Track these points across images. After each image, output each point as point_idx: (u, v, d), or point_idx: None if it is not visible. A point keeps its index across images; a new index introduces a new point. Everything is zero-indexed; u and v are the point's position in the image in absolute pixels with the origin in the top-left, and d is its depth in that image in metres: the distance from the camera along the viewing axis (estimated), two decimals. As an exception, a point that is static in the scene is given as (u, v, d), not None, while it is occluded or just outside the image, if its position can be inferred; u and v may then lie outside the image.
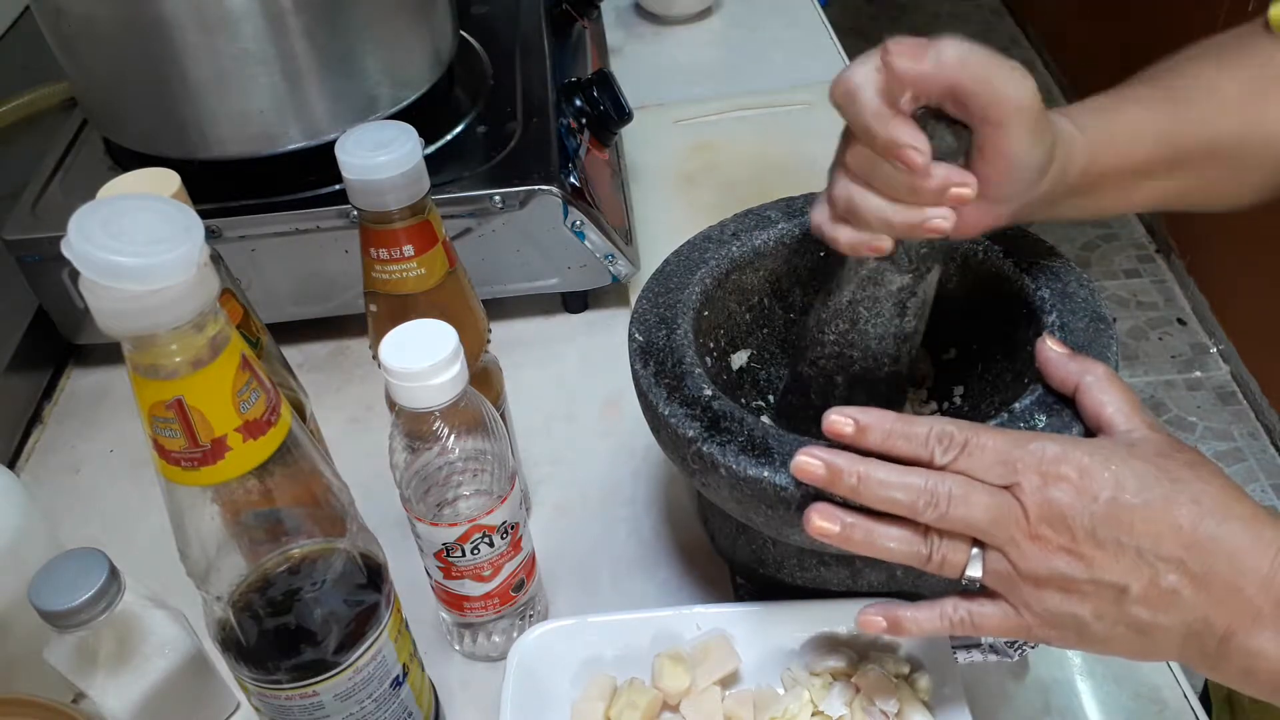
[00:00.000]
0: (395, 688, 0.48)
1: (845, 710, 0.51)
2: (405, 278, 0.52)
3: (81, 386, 0.80)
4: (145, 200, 0.35)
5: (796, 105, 1.02)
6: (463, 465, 0.51)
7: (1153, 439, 0.42)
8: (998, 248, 0.56)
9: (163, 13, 0.65)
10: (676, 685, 0.51)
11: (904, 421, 0.43)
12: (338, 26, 0.69)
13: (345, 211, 0.72)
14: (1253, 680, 0.40)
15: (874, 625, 0.46)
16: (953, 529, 0.42)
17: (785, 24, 1.17)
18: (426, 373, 0.46)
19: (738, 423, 0.48)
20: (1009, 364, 0.56)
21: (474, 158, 0.76)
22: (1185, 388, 2.03)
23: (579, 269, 0.77)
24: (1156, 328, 2.15)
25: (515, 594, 0.56)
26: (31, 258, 0.73)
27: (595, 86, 0.82)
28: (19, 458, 0.75)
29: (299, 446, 0.40)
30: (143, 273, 0.32)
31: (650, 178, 0.95)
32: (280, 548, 0.42)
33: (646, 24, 1.19)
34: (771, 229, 0.60)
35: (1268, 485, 1.86)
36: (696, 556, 0.64)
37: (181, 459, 0.37)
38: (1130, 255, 2.31)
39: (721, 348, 0.61)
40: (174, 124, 0.70)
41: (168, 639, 0.52)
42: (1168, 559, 0.39)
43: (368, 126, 0.51)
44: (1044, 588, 0.41)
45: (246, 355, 0.37)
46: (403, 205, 0.50)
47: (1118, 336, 0.51)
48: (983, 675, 0.56)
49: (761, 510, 0.47)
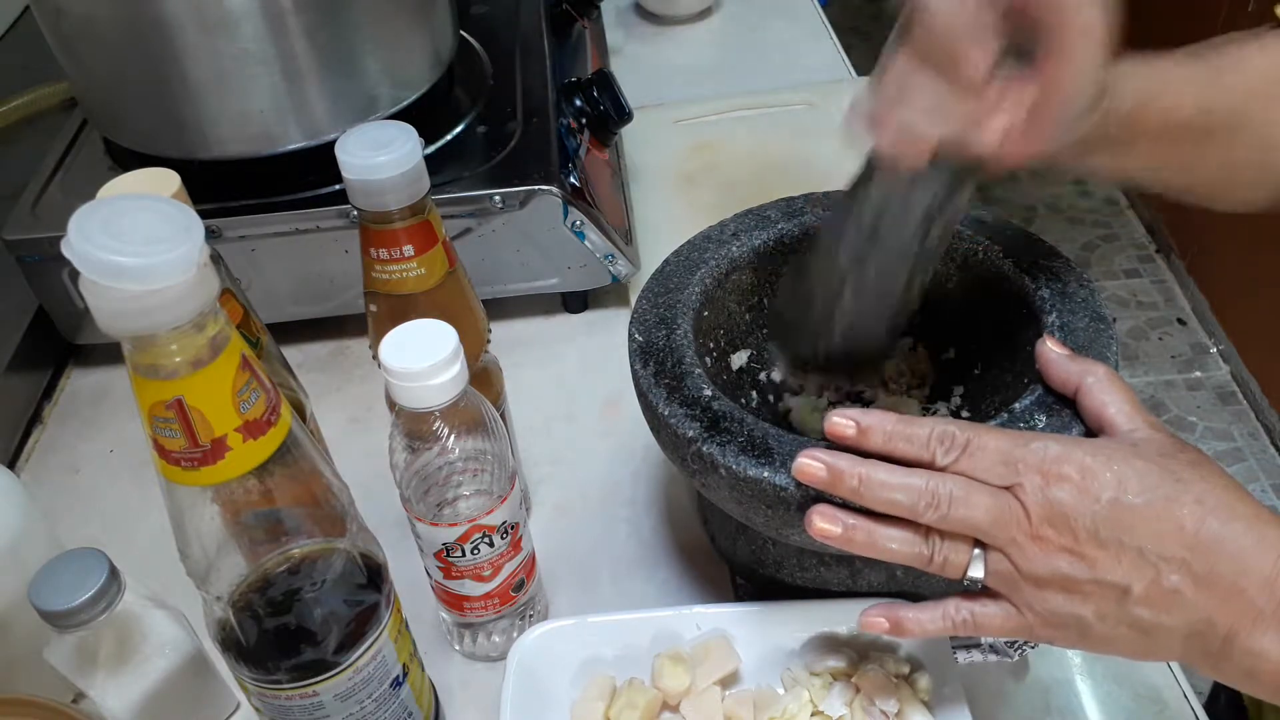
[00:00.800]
0: (395, 688, 0.48)
1: (845, 710, 0.51)
2: (405, 278, 0.52)
3: (81, 386, 0.80)
4: (145, 200, 0.34)
5: (796, 105, 1.02)
6: (463, 465, 0.51)
7: (1155, 439, 0.42)
8: (997, 247, 0.56)
9: (163, 13, 0.65)
10: (676, 685, 0.51)
11: (905, 423, 0.43)
12: (338, 27, 0.69)
13: (345, 211, 0.72)
14: (1255, 681, 0.40)
15: (876, 626, 0.46)
16: (954, 530, 0.42)
17: (785, 24, 1.17)
18: (426, 373, 0.46)
19: (738, 423, 0.48)
20: (1009, 364, 0.56)
21: (474, 158, 0.76)
22: (1185, 388, 2.03)
23: (579, 269, 0.77)
24: (1156, 328, 2.15)
25: (515, 594, 0.56)
26: (31, 258, 0.73)
27: (595, 86, 0.82)
28: (19, 458, 0.74)
29: (299, 446, 0.40)
30: (143, 273, 0.32)
31: (650, 178, 0.95)
32: (280, 548, 0.42)
33: (646, 24, 1.19)
34: (771, 229, 0.60)
35: (1268, 485, 1.86)
36: (696, 556, 0.64)
37: (181, 459, 0.37)
38: (1130, 255, 2.31)
39: (721, 348, 0.61)
40: (174, 124, 0.70)
41: (168, 639, 0.52)
42: (1170, 559, 0.39)
43: (368, 126, 0.51)
44: (1046, 588, 0.41)
45: (246, 355, 0.37)
46: (403, 205, 0.50)
47: (1118, 336, 0.51)
48: (983, 675, 0.56)
49: (761, 510, 0.47)
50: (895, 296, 0.52)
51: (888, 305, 0.53)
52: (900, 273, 0.51)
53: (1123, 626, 0.40)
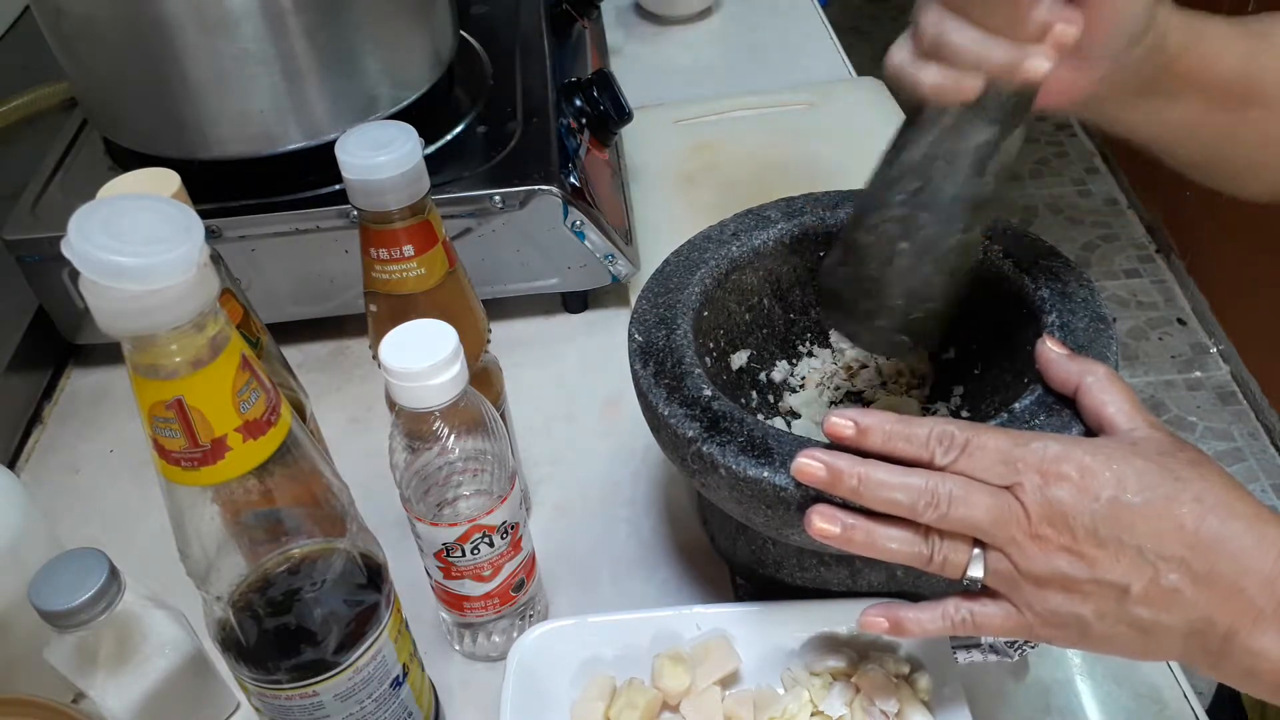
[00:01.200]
0: (395, 688, 0.48)
1: (845, 710, 0.51)
2: (405, 278, 0.52)
3: (81, 386, 0.80)
4: (145, 200, 0.35)
5: (796, 105, 1.02)
6: (463, 465, 0.51)
7: (1154, 438, 0.42)
8: (998, 247, 0.56)
9: (163, 13, 0.65)
10: (676, 685, 0.51)
11: (904, 423, 0.43)
12: (338, 27, 0.69)
13: (345, 211, 0.72)
14: (1255, 680, 0.40)
15: (876, 626, 0.46)
16: (954, 529, 0.42)
17: (785, 24, 1.17)
18: (426, 373, 0.46)
19: (738, 423, 0.48)
20: (1009, 364, 0.56)
21: (474, 158, 0.76)
22: (1185, 388, 2.03)
23: (579, 269, 0.77)
24: (1156, 328, 2.15)
25: (515, 594, 0.56)
26: (31, 258, 0.73)
27: (595, 86, 0.82)
28: (19, 458, 0.74)
29: (299, 446, 0.40)
30: (143, 273, 0.32)
31: (650, 178, 0.95)
32: (280, 548, 0.42)
33: (646, 24, 1.19)
34: (771, 229, 0.60)
35: (1268, 485, 1.86)
36: (696, 556, 0.64)
37: (181, 459, 0.37)
38: (1130, 255, 2.31)
39: (721, 348, 0.61)
40: (174, 124, 0.70)
41: (168, 639, 0.52)
42: (1169, 558, 0.39)
43: (368, 126, 0.51)
44: (1045, 587, 0.41)
45: (246, 355, 0.37)
46: (403, 205, 0.50)
47: (1118, 336, 0.51)
48: (983, 675, 0.56)
49: (761, 510, 0.47)
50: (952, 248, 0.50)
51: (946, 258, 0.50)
52: (955, 221, 0.49)
53: (1122, 625, 0.41)
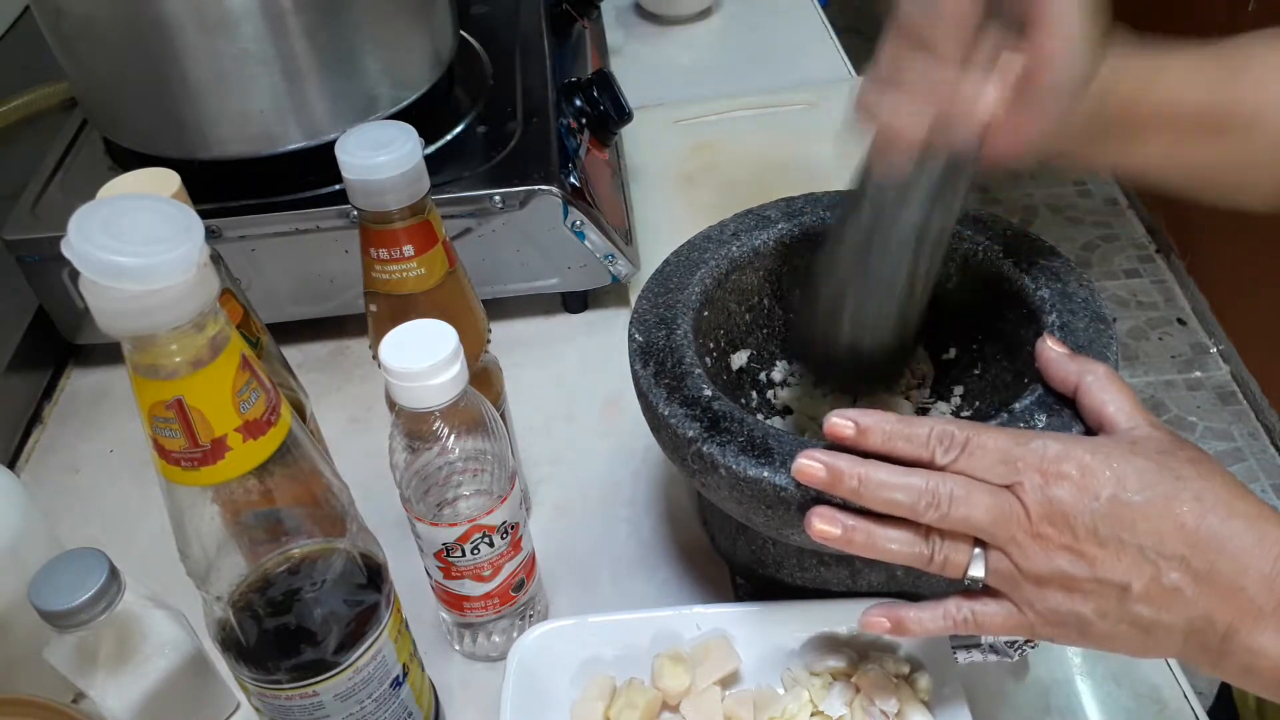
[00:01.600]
0: (395, 688, 0.48)
1: (845, 710, 0.51)
2: (405, 278, 0.52)
3: (81, 386, 0.80)
4: (145, 200, 0.34)
5: (796, 105, 1.02)
6: (463, 465, 0.51)
7: (1154, 436, 0.42)
8: (997, 247, 0.56)
9: (163, 13, 0.65)
10: (676, 685, 0.51)
11: (904, 423, 0.43)
12: (338, 27, 0.69)
13: (345, 211, 0.72)
14: (1254, 678, 0.40)
15: (877, 626, 0.45)
16: (954, 529, 0.42)
17: (785, 24, 1.17)
18: (426, 373, 0.46)
19: (738, 423, 0.48)
20: (1009, 364, 0.56)
21: (474, 158, 0.76)
22: (1185, 388, 2.03)
23: (579, 269, 0.77)
24: (1156, 328, 2.15)
25: (515, 594, 0.56)
26: (31, 258, 0.73)
27: (595, 86, 0.82)
28: (19, 458, 0.74)
29: (299, 446, 0.40)
30: (143, 273, 0.32)
31: (650, 178, 0.95)
32: (280, 548, 0.42)
33: (646, 24, 1.19)
34: (771, 229, 0.60)
35: (1268, 485, 1.86)
36: (696, 556, 0.64)
37: (181, 459, 0.37)
38: (1130, 255, 2.31)
39: (721, 348, 0.61)
40: (174, 124, 0.70)
41: (168, 639, 0.52)
42: (1170, 557, 0.39)
43: (368, 126, 0.51)
44: (1046, 586, 0.41)
45: (246, 355, 0.37)
46: (403, 205, 0.50)
47: (1118, 336, 0.51)
48: (983, 675, 0.56)
49: (761, 510, 0.47)
50: (896, 299, 0.52)
51: (890, 307, 0.52)
52: (900, 273, 0.51)
53: (1123, 624, 0.41)
